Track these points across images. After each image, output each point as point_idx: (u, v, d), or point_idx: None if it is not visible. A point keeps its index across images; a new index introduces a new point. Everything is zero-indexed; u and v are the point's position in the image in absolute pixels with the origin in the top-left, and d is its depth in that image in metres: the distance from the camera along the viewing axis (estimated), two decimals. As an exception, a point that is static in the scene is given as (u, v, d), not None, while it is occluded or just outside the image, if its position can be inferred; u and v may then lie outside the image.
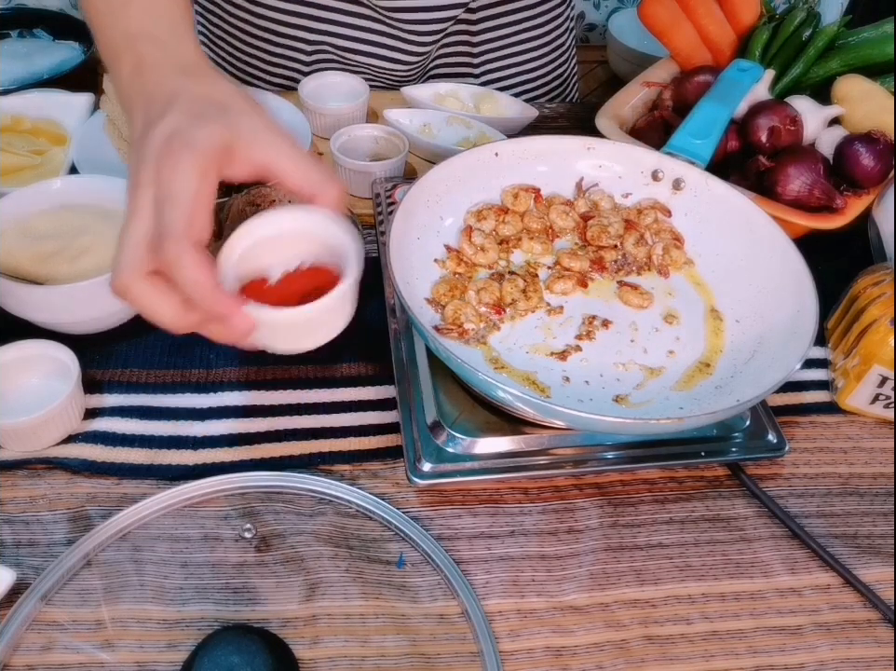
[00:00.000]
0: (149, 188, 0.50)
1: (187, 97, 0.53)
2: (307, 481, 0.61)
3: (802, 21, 0.91)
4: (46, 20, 2.04)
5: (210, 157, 0.49)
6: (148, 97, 0.54)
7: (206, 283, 0.48)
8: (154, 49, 0.57)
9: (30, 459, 0.62)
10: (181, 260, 0.48)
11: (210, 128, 0.50)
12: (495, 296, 0.67)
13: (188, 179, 0.49)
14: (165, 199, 0.49)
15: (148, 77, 0.55)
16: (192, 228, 0.48)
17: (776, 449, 0.65)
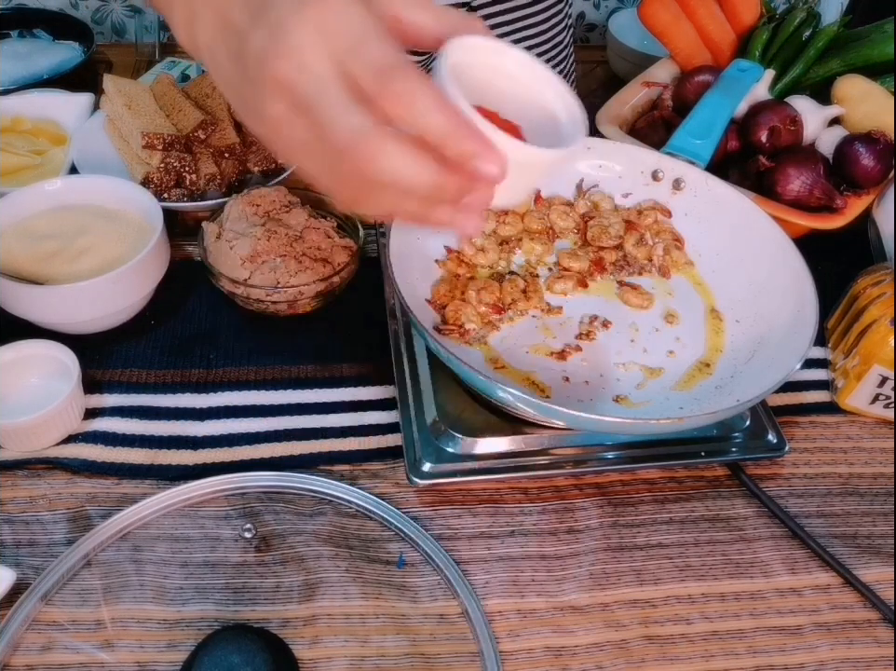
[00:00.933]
0: (308, 50, 0.39)
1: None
2: (307, 481, 0.61)
3: (802, 21, 0.91)
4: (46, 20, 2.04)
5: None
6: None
7: (454, 110, 0.39)
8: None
9: (30, 459, 0.62)
10: (421, 89, 0.38)
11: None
12: (495, 296, 0.67)
13: (363, 11, 0.39)
14: (356, 43, 0.39)
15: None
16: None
17: (776, 449, 0.65)
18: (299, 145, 0.42)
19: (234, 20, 0.42)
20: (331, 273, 0.71)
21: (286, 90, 0.40)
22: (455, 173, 0.40)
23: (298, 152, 0.43)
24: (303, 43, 0.39)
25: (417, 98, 0.39)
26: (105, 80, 0.88)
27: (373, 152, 0.39)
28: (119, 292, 0.68)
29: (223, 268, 0.70)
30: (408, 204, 0.42)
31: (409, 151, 0.39)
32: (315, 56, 0.39)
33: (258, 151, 0.86)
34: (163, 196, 0.80)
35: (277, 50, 0.40)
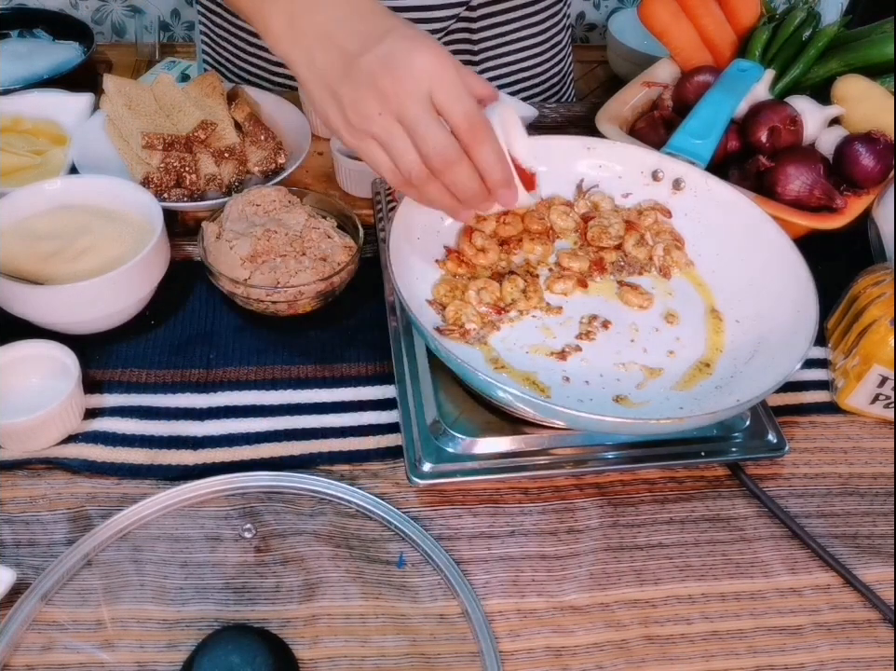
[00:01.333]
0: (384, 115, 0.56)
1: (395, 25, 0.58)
2: (307, 481, 0.61)
3: (802, 21, 0.91)
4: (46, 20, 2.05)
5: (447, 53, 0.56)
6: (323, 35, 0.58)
7: (505, 161, 0.59)
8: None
9: (30, 459, 0.62)
10: (492, 141, 0.57)
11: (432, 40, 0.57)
12: (495, 296, 0.67)
13: (450, 68, 0.56)
14: (453, 88, 0.55)
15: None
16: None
17: (776, 449, 0.65)
18: (373, 135, 0.57)
19: (342, 43, 0.57)
20: (331, 273, 0.71)
21: (384, 98, 0.55)
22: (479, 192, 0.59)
23: (367, 139, 0.58)
24: (410, 72, 0.55)
25: (488, 146, 0.57)
26: (105, 80, 0.88)
27: (452, 162, 0.56)
28: (119, 292, 0.68)
29: (223, 268, 0.70)
30: (448, 200, 0.60)
31: (471, 172, 0.58)
32: (418, 83, 0.55)
33: (258, 151, 0.86)
34: (163, 196, 0.80)
35: (386, 72, 0.55)
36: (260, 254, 0.71)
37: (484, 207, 0.62)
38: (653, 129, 0.87)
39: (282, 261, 0.71)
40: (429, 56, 0.55)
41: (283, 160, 0.87)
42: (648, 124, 0.88)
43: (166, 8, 2.27)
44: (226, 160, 0.85)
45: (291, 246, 0.72)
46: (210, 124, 0.85)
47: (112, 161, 0.84)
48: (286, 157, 0.87)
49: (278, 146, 0.87)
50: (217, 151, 0.84)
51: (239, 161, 0.85)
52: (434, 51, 0.56)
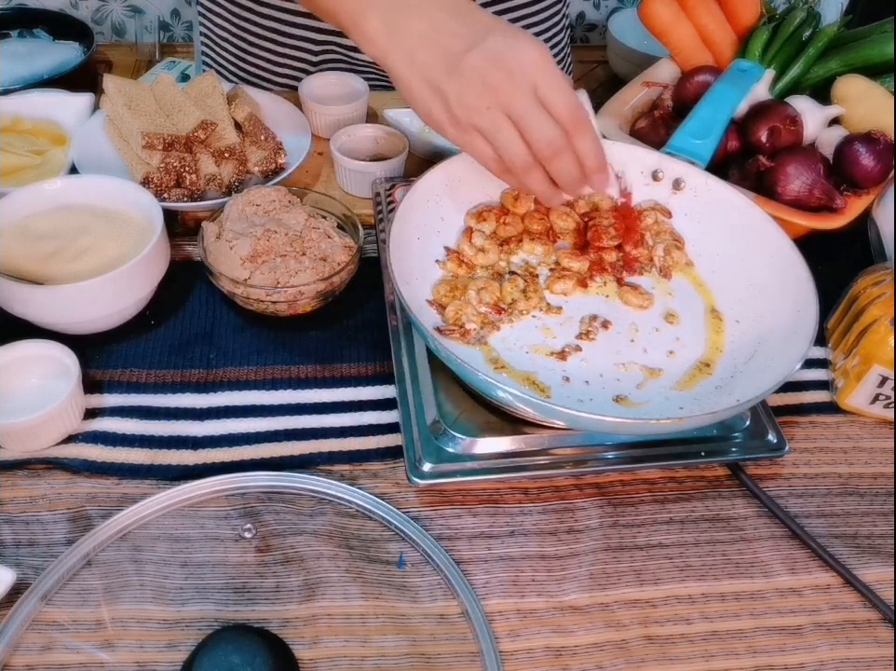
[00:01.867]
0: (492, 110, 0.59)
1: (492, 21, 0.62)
2: (307, 481, 0.61)
3: (802, 21, 0.91)
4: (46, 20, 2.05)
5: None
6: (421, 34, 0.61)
7: (602, 151, 0.64)
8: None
9: (30, 459, 0.62)
10: (593, 133, 0.62)
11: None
12: (495, 296, 0.67)
13: (552, 62, 0.59)
14: (556, 83, 0.59)
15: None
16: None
17: (776, 449, 0.65)
18: (478, 128, 0.60)
19: (445, 42, 0.60)
20: (331, 273, 0.71)
21: (493, 92, 0.58)
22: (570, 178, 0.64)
23: (471, 132, 0.61)
24: (518, 67, 0.58)
25: (589, 135, 0.62)
26: (105, 80, 0.88)
27: (561, 150, 0.61)
28: (119, 292, 0.68)
29: (223, 268, 0.70)
30: (546, 186, 0.64)
31: (574, 160, 0.62)
32: (525, 77, 0.59)
33: (258, 151, 0.86)
34: (163, 196, 0.80)
35: (494, 67, 0.58)
36: (260, 254, 0.71)
37: (577, 192, 0.67)
38: (653, 129, 0.87)
39: (282, 261, 0.71)
40: (534, 51, 0.59)
41: (283, 160, 0.87)
42: (648, 124, 0.88)
43: (166, 8, 2.27)
44: (226, 160, 0.85)
45: (291, 246, 0.72)
46: (210, 124, 0.85)
47: (112, 161, 0.84)
48: (286, 157, 0.87)
49: (278, 146, 0.87)
50: (217, 151, 0.84)
51: (239, 161, 0.85)
52: (537, 47, 0.59)
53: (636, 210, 0.75)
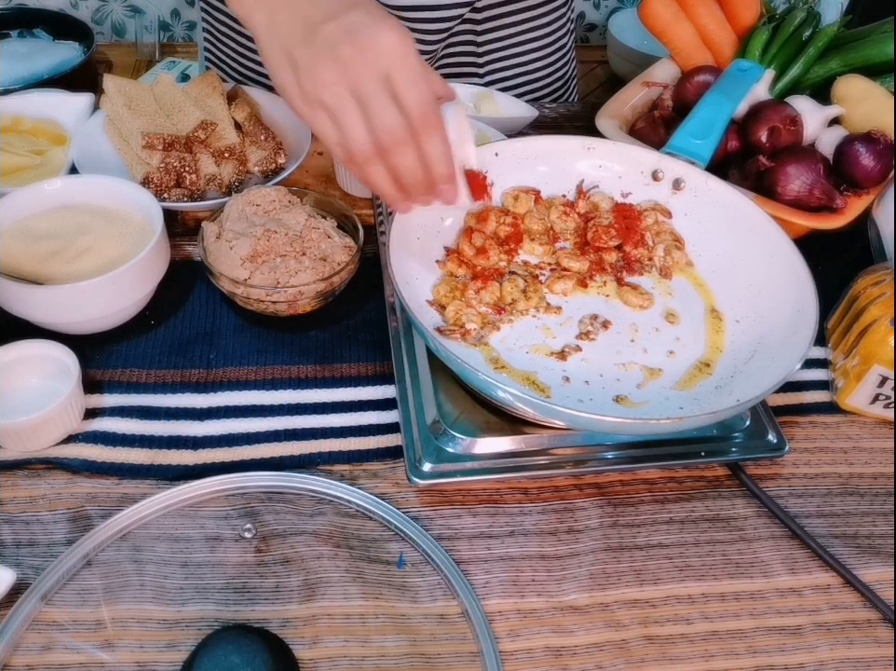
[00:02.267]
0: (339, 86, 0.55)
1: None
2: (307, 481, 0.61)
3: (802, 21, 0.91)
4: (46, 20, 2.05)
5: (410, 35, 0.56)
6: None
7: (450, 156, 0.59)
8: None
9: (30, 459, 0.62)
10: (441, 135, 0.57)
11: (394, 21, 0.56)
12: (495, 296, 0.67)
13: (414, 53, 0.55)
14: (414, 74, 0.55)
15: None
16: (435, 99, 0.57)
17: (776, 449, 0.65)
18: (323, 104, 0.56)
19: (307, 10, 0.56)
20: (331, 273, 0.71)
21: (342, 67, 0.54)
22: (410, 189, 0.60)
23: (317, 108, 0.57)
24: (373, 47, 0.54)
25: (437, 138, 0.57)
26: (105, 80, 0.88)
27: (400, 142, 0.56)
28: (119, 292, 0.68)
29: (223, 268, 0.70)
30: (388, 185, 0.59)
31: (416, 159, 0.57)
32: (378, 59, 0.54)
33: (258, 151, 0.86)
34: (163, 196, 0.80)
35: (349, 41, 0.54)
36: (260, 254, 0.71)
37: (424, 200, 0.62)
38: (653, 129, 0.87)
39: (282, 261, 0.71)
40: (395, 36, 0.55)
41: (283, 160, 0.87)
42: (648, 124, 0.88)
43: (166, 8, 2.27)
44: (226, 160, 0.85)
45: (291, 246, 0.72)
46: (210, 124, 0.85)
47: (112, 161, 0.84)
48: (286, 157, 0.87)
49: (278, 146, 0.87)
50: (217, 151, 0.85)
51: (239, 161, 0.85)
52: (400, 33, 0.55)
53: (636, 210, 0.75)
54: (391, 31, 0.55)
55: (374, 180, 0.59)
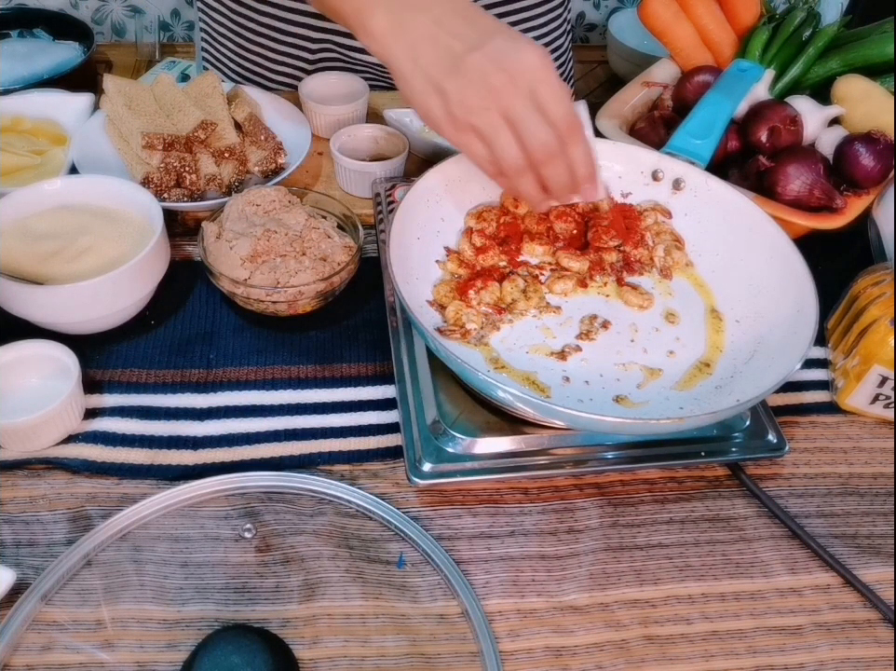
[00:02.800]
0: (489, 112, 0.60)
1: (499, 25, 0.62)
2: (307, 481, 0.61)
3: (802, 21, 0.91)
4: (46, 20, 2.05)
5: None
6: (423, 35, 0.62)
7: (594, 162, 0.64)
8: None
9: (30, 459, 0.62)
10: (587, 145, 0.63)
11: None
12: (495, 296, 0.67)
13: (553, 69, 0.60)
14: (556, 92, 0.59)
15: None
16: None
17: (776, 449, 0.65)
18: (475, 128, 0.60)
19: (448, 41, 0.60)
20: (331, 273, 0.71)
21: (494, 93, 0.59)
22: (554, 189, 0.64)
23: (468, 132, 0.61)
24: (520, 70, 0.59)
25: (582, 144, 0.62)
26: (105, 80, 0.88)
27: (554, 155, 0.61)
28: (119, 292, 0.68)
29: (223, 268, 0.70)
30: (536, 191, 0.64)
31: (566, 167, 0.63)
32: (526, 81, 0.59)
33: (258, 151, 0.86)
34: (163, 196, 0.80)
35: (496, 69, 0.59)
36: (260, 254, 0.71)
37: (566, 199, 0.66)
38: (653, 129, 0.87)
39: (282, 261, 0.71)
40: (536, 56, 0.59)
41: (283, 160, 0.87)
42: (648, 124, 0.88)
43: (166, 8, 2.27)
44: (226, 160, 0.85)
45: (291, 246, 0.72)
46: (210, 124, 0.85)
47: (112, 161, 0.84)
48: (286, 157, 0.87)
49: (278, 146, 0.87)
50: (217, 151, 0.84)
51: (239, 161, 0.85)
52: (539, 52, 0.60)
53: (636, 210, 0.75)
54: (532, 52, 0.59)
55: (524, 189, 0.64)
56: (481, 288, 0.67)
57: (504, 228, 0.72)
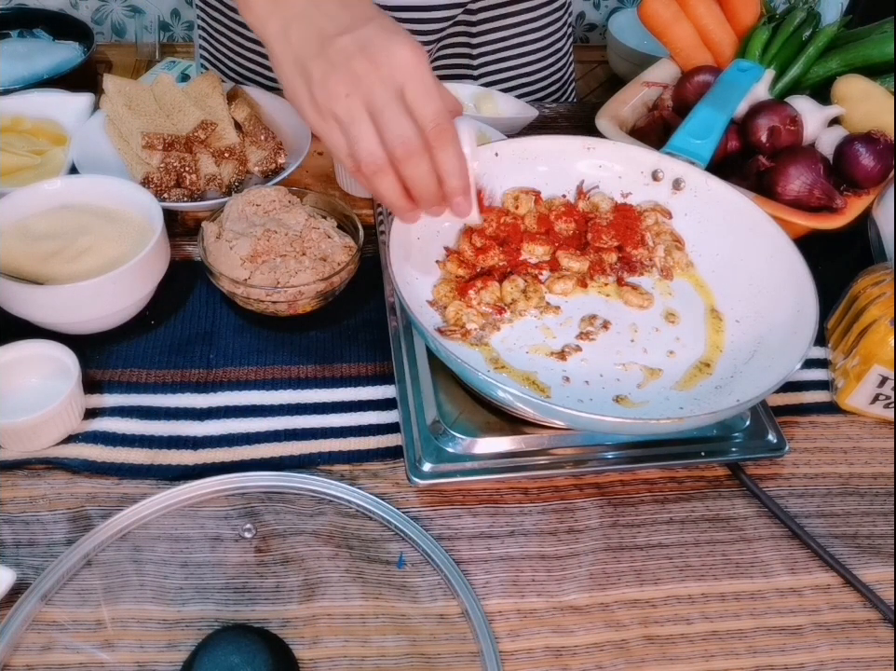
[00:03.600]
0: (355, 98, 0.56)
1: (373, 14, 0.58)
2: (307, 481, 0.61)
3: (802, 21, 0.91)
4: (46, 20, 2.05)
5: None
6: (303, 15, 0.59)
7: (465, 172, 0.59)
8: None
9: (30, 459, 0.62)
10: (456, 149, 0.57)
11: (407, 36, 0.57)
12: (495, 296, 0.67)
13: (427, 68, 0.56)
14: (428, 89, 0.56)
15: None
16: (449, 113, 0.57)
17: (776, 449, 0.65)
18: (335, 116, 0.56)
19: (321, 23, 0.58)
20: (331, 273, 0.71)
21: (356, 80, 0.55)
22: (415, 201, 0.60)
23: (329, 120, 0.57)
24: (387, 61, 0.55)
25: (452, 150, 0.57)
26: (105, 80, 0.88)
27: (414, 153, 0.56)
28: (119, 292, 0.68)
29: (223, 268, 0.70)
30: (397, 196, 0.59)
31: (430, 170, 0.57)
32: (392, 73, 0.55)
33: (258, 151, 0.86)
34: (163, 196, 0.80)
35: (362, 55, 0.55)
36: (260, 254, 0.71)
37: (434, 211, 0.62)
38: (653, 129, 0.87)
39: (282, 261, 0.71)
40: (409, 51, 0.55)
41: (283, 160, 0.87)
42: (648, 124, 0.88)
43: (166, 8, 2.27)
44: (226, 160, 0.85)
45: (291, 246, 0.72)
46: (210, 124, 0.85)
47: (112, 161, 0.84)
48: (286, 157, 0.87)
49: (278, 146, 0.87)
50: (217, 151, 0.85)
51: (239, 161, 0.85)
52: (413, 48, 0.56)
53: (636, 210, 0.75)
54: (405, 46, 0.55)
55: (382, 190, 0.59)
56: (482, 288, 0.67)
57: (504, 228, 0.71)
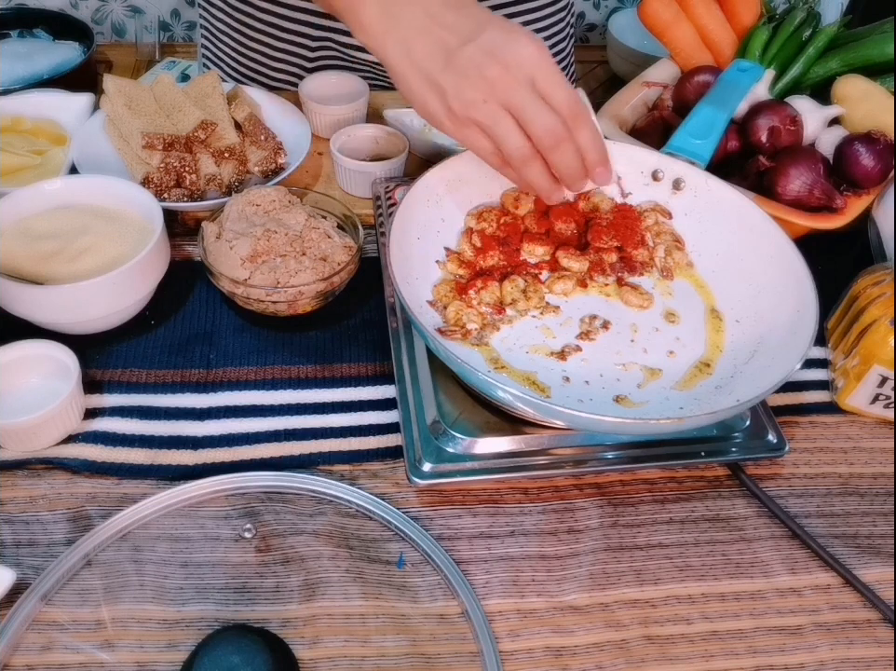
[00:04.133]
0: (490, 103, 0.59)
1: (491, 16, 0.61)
2: (307, 481, 0.61)
3: (802, 21, 0.91)
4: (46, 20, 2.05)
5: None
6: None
7: (603, 146, 0.64)
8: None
9: (30, 459, 0.62)
10: (594, 130, 0.62)
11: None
12: (495, 296, 0.67)
13: (550, 57, 0.59)
14: (556, 78, 0.59)
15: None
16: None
17: (776, 449, 0.65)
18: (475, 122, 0.60)
19: (441, 35, 0.60)
20: (331, 273, 0.71)
21: (490, 86, 0.58)
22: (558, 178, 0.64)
23: (469, 126, 0.60)
24: (515, 61, 0.58)
25: (589, 128, 0.62)
26: (105, 80, 0.88)
27: (562, 140, 0.60)
28: (119, 292, 0.68)
29: (223, 268, 0.70)
30: (546, 180, 0.64)
31: (575, 151, 0.62)
32: (523, 71, 0.58)
33: (258, 151, 0.86)
34: (163, 196, 0.80)
35: (492, 60, 0.58)
36: (260, 254, 0.71)
37: (578, 187, 0.66)
38: (653, 129, 0.87)
39: (282, 261, 0.71)
40: (532, 46, 0.58)
41: (283, 160, 0.87)
42: (648, 124, 0.88)
43: (166, 8, 2.27)
44: (226, 160, 0.85)
45: (291, 246, 0.72)
46: (210, 124, 0.85)
47: (112, 161, 0.84)
48: (286, 157, 0.87)
49: (278, 146, 0.87)
50: (217, 151, 0.84)
51: (239, 161, 0.85)
52: (534, 41, 0.59)
53: (636, 210, 0.75)
54: (527, 42, 0.58)
55: (532, 178, 0.63)
56: (482, 288, 0.67)
57: (504, 228, 0.71)
